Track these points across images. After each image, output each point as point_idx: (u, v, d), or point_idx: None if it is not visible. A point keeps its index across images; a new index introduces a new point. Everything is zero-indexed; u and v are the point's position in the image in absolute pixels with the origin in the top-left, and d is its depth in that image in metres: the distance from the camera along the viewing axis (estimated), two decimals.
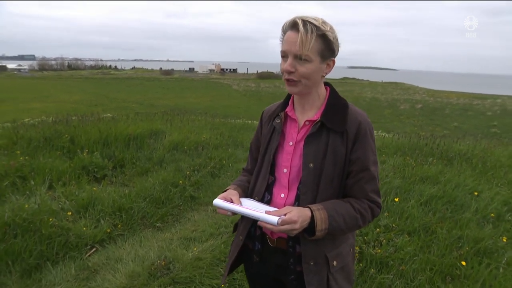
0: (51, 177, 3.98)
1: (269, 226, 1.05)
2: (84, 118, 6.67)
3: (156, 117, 8.19)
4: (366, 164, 1.17)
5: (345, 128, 1.16)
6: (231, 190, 1.28)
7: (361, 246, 2.71)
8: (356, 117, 1.19)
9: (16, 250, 2.71)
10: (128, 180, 4.42)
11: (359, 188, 1.18)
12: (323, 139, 1.17)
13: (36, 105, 21.14)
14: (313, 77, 1.14)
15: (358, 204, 1.17)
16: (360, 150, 1.17)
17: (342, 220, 1.12)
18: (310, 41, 1.07)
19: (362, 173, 1.17)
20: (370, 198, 1.19)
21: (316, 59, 1.11)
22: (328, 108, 1.21)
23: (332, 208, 1.13)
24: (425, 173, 4.31)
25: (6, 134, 5.30)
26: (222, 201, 1.18)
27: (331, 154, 1.16)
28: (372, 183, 1.19)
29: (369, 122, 1.21)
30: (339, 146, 1.16)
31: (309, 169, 1.16)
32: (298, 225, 1.05)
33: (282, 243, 1.23)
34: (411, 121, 20.79)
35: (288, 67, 1.12)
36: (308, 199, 1.17)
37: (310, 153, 1.17)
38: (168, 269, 2.61)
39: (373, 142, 1.20)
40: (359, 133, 1.17)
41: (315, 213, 1.09)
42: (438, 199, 3.68)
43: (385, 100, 31.66)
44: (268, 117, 1.35)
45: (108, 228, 3.17)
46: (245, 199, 1.25)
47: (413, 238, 2.94)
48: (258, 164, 1.32)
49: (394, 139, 6.50)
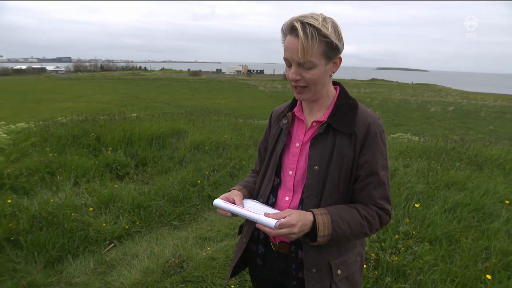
0: (76, 174, 4.15)
1: (267, 229, 1.02)
2: (110, 117, 6.91)
3: (180, 117, 8.35)
4: (374, 168, 1.11)
5: (353, 130, 1.11)
6: (234, 191, 1.26)
7: (378, 253, 2.62)
8: (366, 118, 1.13)
9: (41, 241, 2.85)
10: (149, 178, 4.53)
11: (367, 194, 1.12)
12: (329, 141, 1.13)
13: (69, 105, 22.19)
14: (320, 81, 1.10)
15: (365, 210, 1.11)
16: (368, 154, 1.11)
17: (347, 227, 1.07)
18: (312, 47, 1.02)
19: (371, 178, 1.11)
20: (378, 205, 1.12)
21: (321, 62, 1.06)
22: (336, 109, 1.16)
23: (336, 213, 1.08)
24: (451, 179, 4.12)
25: (39, 132, 5.60)
26: (222, 202, 1.16)
27: (337, 157, 1.11)
28: (381, 189, 1.12)
29: (379, 124, 1.15)
30: (346, 148, 1.11)
31: (314, 172, 1.12)
32: (297, 229, 1.01)
33: (284, 247, 1.19)
34: (441, 124, 19.96)
35: (293, 76, 1.09)
36: (312, 203, 1.12)
37: (315, 155, 1.13)
38: (181, 268, 2.65)
39: (383, 146, 1.14)
40: (368, 135, 1.11)
41: (318, 217, 1.05)
42: (464, 207, 3.50)
43: (415, 102, 30.59)
44: (276, 118, 1.33)
45: (127, 224, 3.26)
46: (249, 201, 1.23)
47: (434, 246, 2.81)
48: (264, 165, 1.30)
49: (420, 142, 6.25)
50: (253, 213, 1.07)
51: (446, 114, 24.20)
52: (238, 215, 1.11)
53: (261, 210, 1.11)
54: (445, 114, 24.21)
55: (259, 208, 1.14)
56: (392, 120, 21.08)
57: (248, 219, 1.08)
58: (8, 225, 2.90)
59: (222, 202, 1.16)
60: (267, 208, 1.16)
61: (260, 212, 1.08)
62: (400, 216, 3.17)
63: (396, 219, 3.11)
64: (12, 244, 2.83)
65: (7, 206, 3.15)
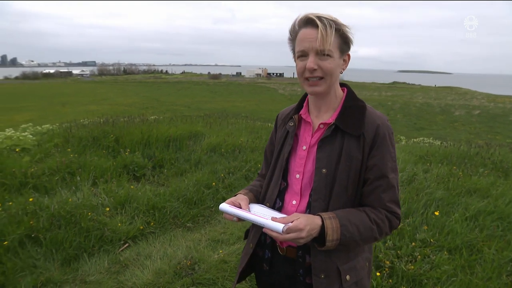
0: (95, 174, 4.26)
1: (274, 234, 1.00)
2: (130, 119, 7.07)
3: (197, 120, 8.44)
4: (384, 171, 1.09)
5: (361, 132, 1.09)
6: (240, 195, 1.25)
7: (393, 261, 2.54)
8: (374, 120, 1.12)
9: (59, 239, 2.94)
10: (165, 179, 4.59)
11: (376, 197, 1.10)
12: (337, 143, 1.11)
13: (93, 107, 22.87)
14: (335, 73, 1.10)
15: (374, 214, 1.09)
16: (377, 156, 1.09)
17: (356, 231, 1.05)
18: (331, 36, 1.04)
19: (380, 181, 1.09)
20: (388, 208, 1.10)
21: (337, 54, 1.08)
22: (343, 110, 1.15)
23: (345, 217, 1.05)
24: (473, 185, 3.95)
25: (61, 133, 5.79)
26: (228, 206, 1.14)
27: (345, 160, 1.09)
28: (390, 192, 1.10)
29: (388, 126, 1.13)
30: (354, 151, 1.09)
31: (322, 175, 1.10)
32: (305, 233, 0.99)
33: (292, 252, 1.17)
34: (466, 129, 19.25)
35: (311, 65, 1.07)
36: (319, 206, 1.10)
37: (323, 158, 1.11)
38: (193, 270, 2.66)
39: (392, 148, 1.13)
40: (377, 137, 1.09)
41: (326, 221, 1.03)
42: (487, 215, 3.35)
43: (438, 106, 29.68)
44: (282, 120, 1.31)
45: (141, 225, 3.31)
46: (255, 205, 1.21)
47: (453, 256, 2.70)
48: (270, 169, 1.28)
49: (442, 147, 6.05)
50: (260, 218, 1.05)
51: (471, 118, 23.34)
52: (245, 220, 1.10)
53: (268, 215, 1.09)
54: (470, 118, 23.35)
55: (266, 213, 1.13)
56: (414, 124, 20.54)
57: (255, 223, 1.07)
58: (29, 223, 3.01)
59: (228, 206, 1.14)
60: (274, 213, 1.14)
61: (267, 216, 1.06)
62: (418, 223, 3.07)
63: (413, 226, 3.01)
64: (33, 241, 2.93)
65: (29, 204, 3.27)
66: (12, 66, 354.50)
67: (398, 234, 2.89)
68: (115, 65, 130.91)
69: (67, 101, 27.51)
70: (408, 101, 33.36)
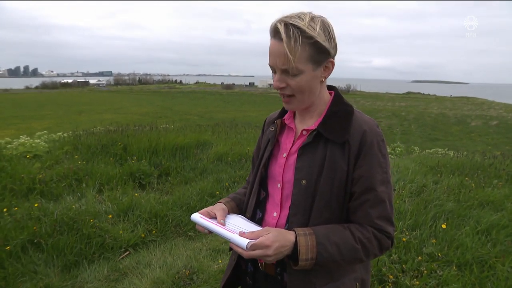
0: (101, 181, 4.29)
1: (239, 250, 0.91)
2: (139, 127, 7.15)
3: (206, 129, 8.48)
4: (371, 183, 0.97)
5: (346, 139, 0.98)
6: (218, 204, 1.16)
7: (397, 275, 2.44)
8: (361, 125, 1.00)
9: (60, 245, 2.94)
10: (170, 188, 4.59)
11: (363, 213, 0.98)
12: (319, 151, 1.00)
13: (108, 116, 23.33)
14: (308, 88, 0.99)
15: (360, 232, 0.97)
16: (364, 166, 0.98)
17: (336, 251, 0.94)
18: (296, 51, 0.92)
19: (367, 195, 0.98)
20: (376, 226, 0.98)
21: (308, 68, 0.96)
22: (328, 116, 1.04)
23: (324, 234, 0.95)
24: (486, 197, 3.80)
25: (71, 141, 5.90)
26: (198, 217, 1.06)
27: (328, 170, 0.98)
28: (380, 207, 0.98)
29: (377, 132, 1.01)
30: (338, 160, 0.98)
31: (301, 186, 1.00)
32: (271, 251, 0.89)
33: (270, 268, 1.09)
34: (483, 139, 18.74)
35: (276, 83, 0.99)
36: (298, 222, 1.00)
37: (303, 168, 1.01)
38: (191, 280, 2.62)
39: (382, 157, 1.00)
40: (364, 145, 0.98)
41: (300, 238, 0.93)
42: (500, 229, 3.20)
43: (454, 116, 29.07)
44: (267, 125, 1.24)
45: (143, 233, 3.30)
46: (233, 216, 1.13)
47: (463, 272, 2.57)
48: (252, 177, 1.21)
49: (454, 157, 5.87)
50: (227, 231, 0.97)
51: (488, 129, 22.73)
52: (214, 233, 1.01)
53: (242, 228, 1.00)
54: (487, 129, 22.74)
55: (241, 225, 1.03)
56: (429, 134, 20.13)
57: (223, 238, 0.98)
58: (33, 228, 3.03)
59: (199, 217, 1.06)
60: (251, 225, 1.05)
61: (239, 230, 0.98)
62: (426, 236, 2.95)
63: (420, 239, 2.90)
64: (35, 246, 2.94)
65: (34, 209, 3.31)
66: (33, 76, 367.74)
67: (404, 247, 2.78)
68: (131, 75, 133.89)
69: (83, 110, 28.20)
70: (422, 111, 32.83)
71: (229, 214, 1.15)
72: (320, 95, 1.06)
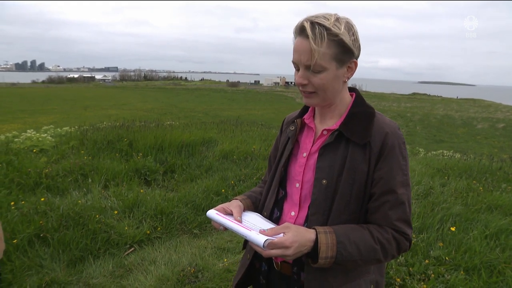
0: (107, 177, 4.30)
1: (259, 249, 0.90)
2: (145, 124, 7.16)
3: (212, 126, 8.47)
4: (391, 185, 0.98)
5: (368, 140, 0.99)
6: (235, 201, 1.16)
7: (404, 278, 2.42)
8: (383, 127, 1.01)
9: (66, 240, 2.95)
10: (176, 185, 4.58)
11: (383, 215, 0.99)
12: (340, 152, 1.01)
13: (113, 112, 23.44)
14: (331, 87, 1.00)
15: (379, 233, 0.98)
16: (385, 168, 0.98)
17: (355, 250, 0.94)
18: (320, 48, 0.93)
19: (387, 196, 0.98)
20: (395, 228, 0.98)
21: (331, 66, 0.97)
22: (349, 117, 1.04)
23: (344, 233, 0.95)
24: (495, 201, 3.75)
25: (77, 136, 5.92)
26: (214, 213, 1.04)
27: (349, 171, 0.99)
28: (399, 209, 0.98)
29: (399, 135, 1.02)
30: (359, 161, 0.99)
31: (322, 186, 1.01)
32: (291, 251, 0.89)
33: (287, 268, 1.09)
34: (489, 142, 18.59)
35: (299, 80, 1.00)
36: (317, 221, 1.01)
37: (324, 167, 1.02)
38: (196, 277, 2.61)
39: (403, 160, 1.01)
40: (385, 147, 0.98)
41: (320, 236, 0.93)
42: (510, 234, 3.16)
43: (460, 118, 28.86)
44: (286, 124, 1.24)
45: (148, 230, 3.30)
46: (249, 213, 1.12)
47: (470, 276, 2.54)
48: (270, 176, 1.21)
49: (461, 160, 5.81)
50: (244, 229, 0.95)
51: (495, 132, 22.53)
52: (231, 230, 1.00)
53: (259, 226, 0.99)
54: (493, 131, 22.55)
55: (258, 223, 1.03)
56: (434, 136, 20.00)
57: (240, 235, 0.96)
58: (39, 222, 3.04)
59: (215, 213, 1.04)
60: (267, 223, 1.05)
61: (256, 227, 0.96)
62: (433, 239, 2.92)
63: (427, 242, 2.87)
64: (41, 240, 2.96)
65: (41, 204, 3.32)
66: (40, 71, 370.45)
67: (411, 250, 2.75)
68: (136, 71, 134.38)
69: (88, 105, 28.34)
70: (428, 112, 32.60)
71: (245, 211, 1.14)
72: (341, 95, 1.07)
